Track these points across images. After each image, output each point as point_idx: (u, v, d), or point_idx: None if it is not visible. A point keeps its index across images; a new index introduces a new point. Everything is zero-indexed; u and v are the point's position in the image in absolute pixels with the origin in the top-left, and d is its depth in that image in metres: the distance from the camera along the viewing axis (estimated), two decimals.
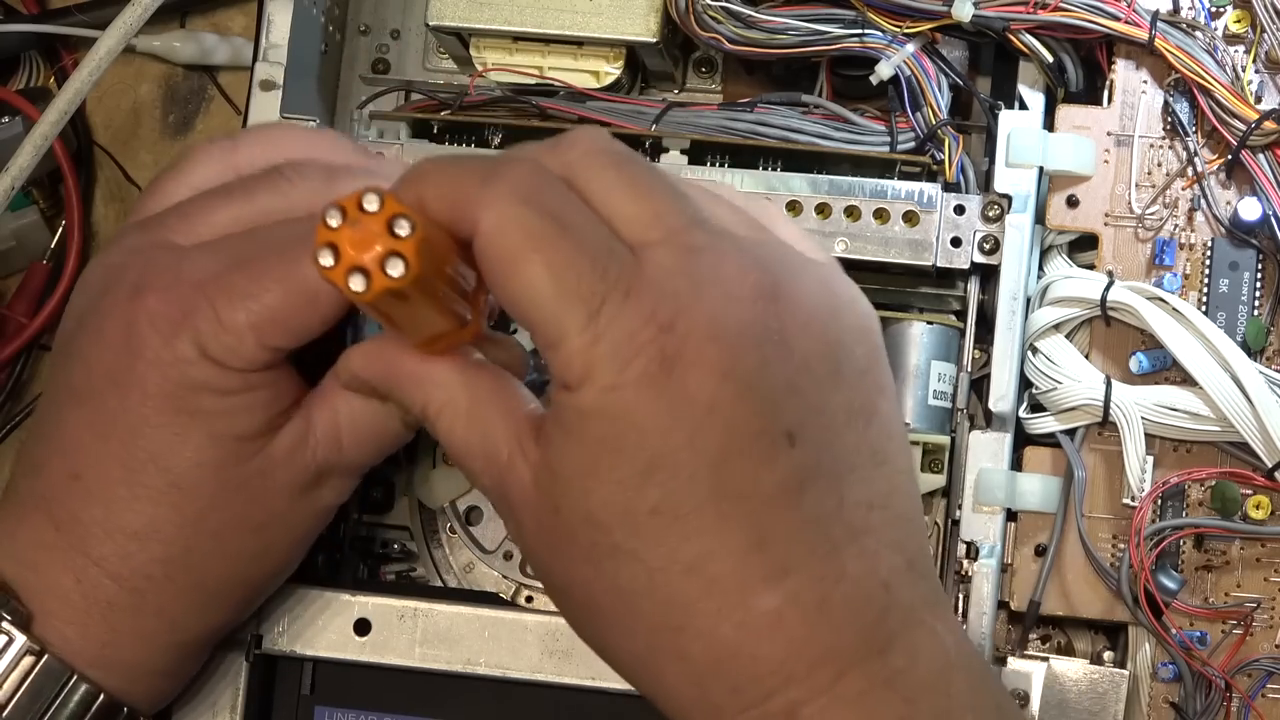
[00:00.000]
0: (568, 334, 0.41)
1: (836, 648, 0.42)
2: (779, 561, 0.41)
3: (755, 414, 0.41)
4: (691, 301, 0.41)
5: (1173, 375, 0.56)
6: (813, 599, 0.41)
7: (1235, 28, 0.57)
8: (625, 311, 0.40)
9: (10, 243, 0.67)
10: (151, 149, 0.69)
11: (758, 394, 0.41)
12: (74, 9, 0.68)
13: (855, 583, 0.42)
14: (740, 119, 0.59)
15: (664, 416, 0.41)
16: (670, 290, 0.41)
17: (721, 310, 0.41)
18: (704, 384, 0.41)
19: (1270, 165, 0.55)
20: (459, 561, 0.59)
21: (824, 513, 0.42)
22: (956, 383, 0.58)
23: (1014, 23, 0.56)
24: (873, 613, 0.42)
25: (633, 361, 0.40)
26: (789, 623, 0.41)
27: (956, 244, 0.56)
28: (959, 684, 0.44)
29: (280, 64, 0.59)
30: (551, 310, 0.41)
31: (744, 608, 0.41)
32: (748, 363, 0.41)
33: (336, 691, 0.56)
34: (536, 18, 0.59)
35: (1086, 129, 0.57)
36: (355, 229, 0.39)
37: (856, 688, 0.42)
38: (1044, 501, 0.56)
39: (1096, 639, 0.57)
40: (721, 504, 0.41)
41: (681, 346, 0.41)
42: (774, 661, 0.41)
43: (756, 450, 0.41)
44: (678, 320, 0.41)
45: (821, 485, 0.42)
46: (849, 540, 0.42)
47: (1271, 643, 0.55)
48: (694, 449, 0.41)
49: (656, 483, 0.41)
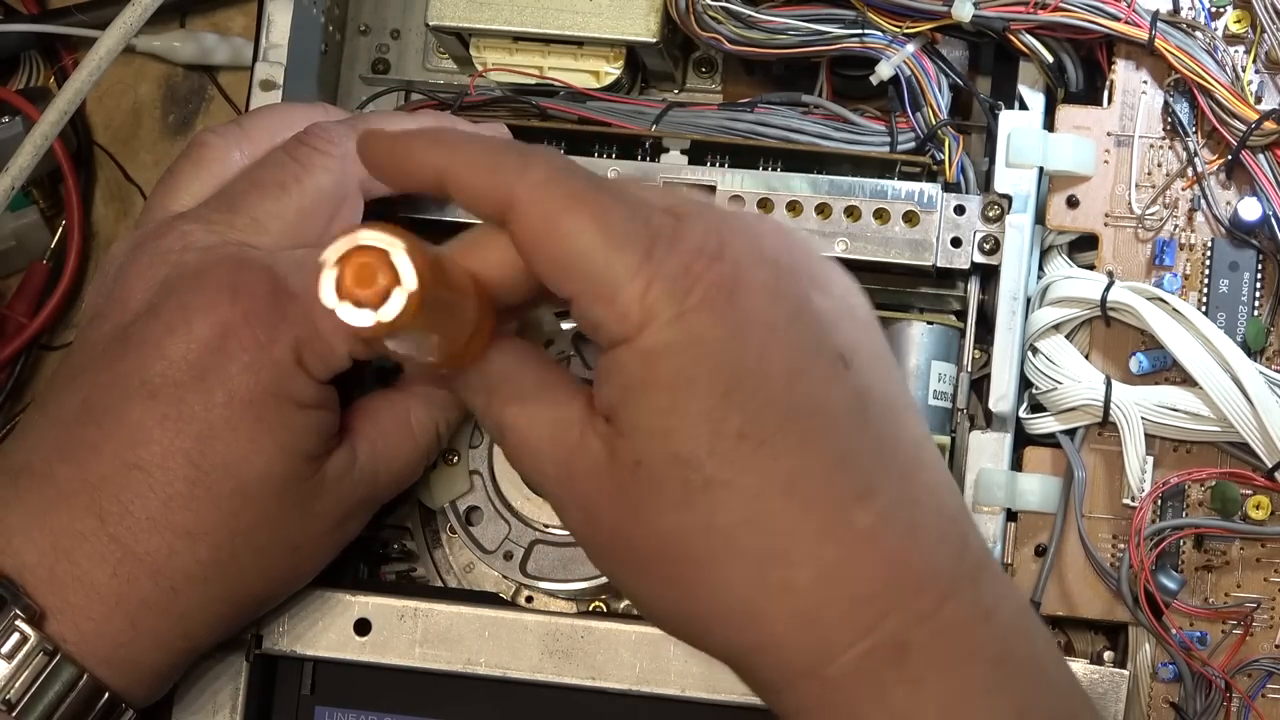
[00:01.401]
0: (621, 281, 0.40)
1: (931, 572, 0.41)
2: (864, 479, 0.41)
3: (811, 334, 0.42)
4: (731, 237, 0.42)
5: (1173, 375, 0.56)
6: (902, 519, 0.41)
7: (1235, 28, 0.57)
8: (676, 248, 0.41)
9: (10, 243, 0.67)
10: (151, 149, 0.69)
11: (809, 315, 0.42)
12: (74, 9, 0.68)
13: (932, 511, 0.42)
14: (740, 119, 0.59)
15: (732, 339, 0.41)
16: (711, 230, 0.42)
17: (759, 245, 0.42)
18: (761, 305, 0.41)
19: (1270, 165, 0.55)
20: (459, 561, 0.59)
21: (888, 436, 0.42)
22: (956, 383, 0.58)
23: (1014, 23, 0.56)
24: (954, 543, 0.42)
25: (692, 290, 0.40)
26: (886, 541, 0.41)
27: (956, 244, 0.56)
28: (1039, 632, 0.44)
29: (280, 64, 0.59)
30: (603, 260, 0.41)
31: (845, 524, 0.41)
32: (793, 287, 0.42)
33: (336, 691, 0.56)
34: (536, 18, 0.60)
35: (1086, 129, 0.57)
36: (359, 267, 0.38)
37: (959, 617, 0.41)
38: (1044, 502, 0.56)
39: (1096, 639, 0.57)
40: (800, 420, 0.41)
41: (734, 271, 0.41)
42: (879, 581, 0.41)
43: (819, 368, 0.42)
44: (725, 249, 0.41)
45: (879, 410, 0.43)
46: (914, 468, 0.43)
47: (1271, 643, 0.55)
48: (765, 367, 0.41)
49: (737, 404, 0.40)
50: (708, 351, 0.41)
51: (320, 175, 0.51)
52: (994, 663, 0.42)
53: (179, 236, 0.50)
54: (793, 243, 0.44)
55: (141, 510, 0.48)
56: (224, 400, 0.47)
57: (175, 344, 0.48)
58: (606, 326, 0.41)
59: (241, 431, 0.48)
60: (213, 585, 0.49)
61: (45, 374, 0.67)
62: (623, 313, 0.41)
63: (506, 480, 0.57)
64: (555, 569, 0.57)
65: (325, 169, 0.51)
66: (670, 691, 0.54)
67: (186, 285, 0.49)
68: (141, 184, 0.69)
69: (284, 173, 0.51)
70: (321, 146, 0.51)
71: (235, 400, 0.47)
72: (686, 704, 0.54)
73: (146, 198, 0.68)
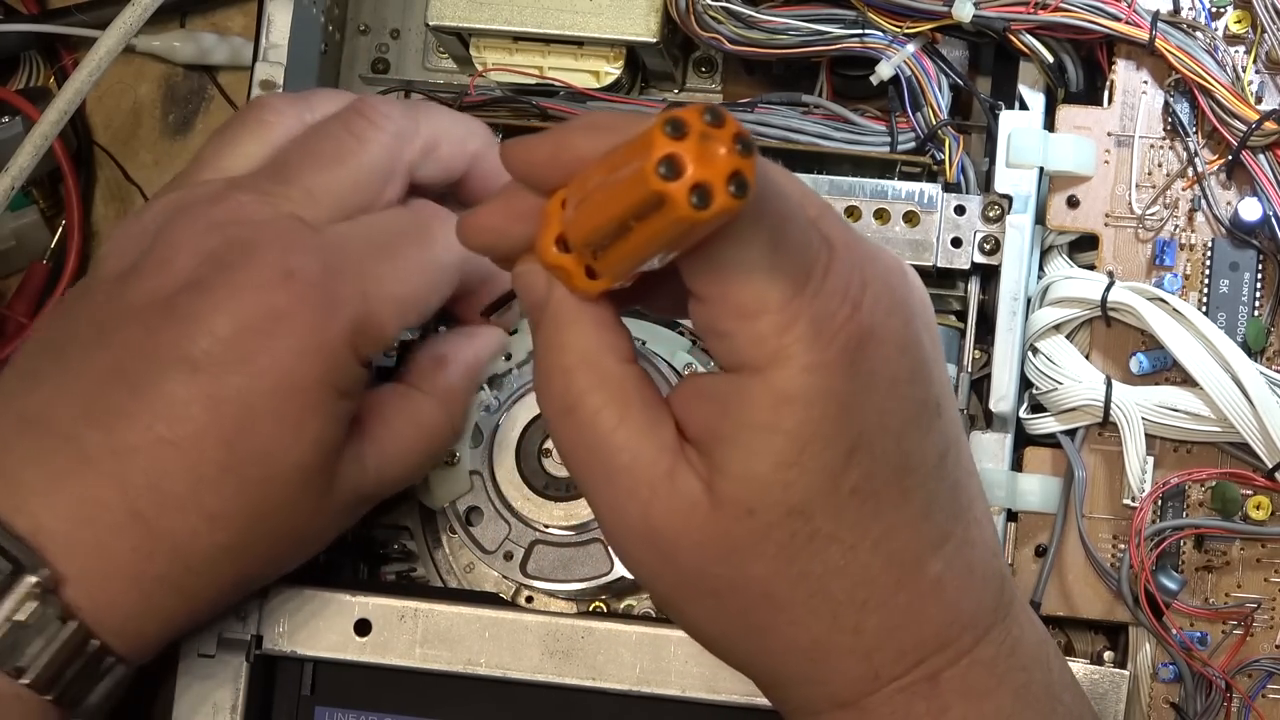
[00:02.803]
0: (769, 306, 0.38)
1: (979, 611, 0.43)
2: (940, 528, 0.42)
3: (924, 385, 0.42)
4: (871, 274, 0.40)
5: (1173, 376, 0.56)
6: (963, 563, 0.42)
7: (1235, 28, 0.57)
8: (826, 286, 0.39)
9: (10, 243, 0.67)
10: (151, 149, 0.69)
11: (924, 365, 0.42)
12: (74, 9, 0.68)
13: (983, 547, 0.44)
14: (740, 119, 0.58)
15: (862, 394, 0.40)
16: (855, 262, 0.40)
17: (891, 283, 0.41)
18: (889, 359, 0.40)
19: (1271, 166, 0.55)
20: (459, 562, 0.59)
21: (958, 479, 0.43)
22: (957, 383, 0.58)
23: (1014, 23, 0.56)
24: (997, 578, 0.44)
25: (834, 339, 0.39)
26: (948, 587, 0.42)
27: (957, 244, 0.56)
28: (1054, 658, 0.46)
29: (280, 64, 0.58)
30: (762, 281, 0.38)
31: (917, 574, 0.42)
32: (913, 335, 0.41)
33: (336, 691, 0.56)
34: (536, 18, 0.59)
35: (1087, 129, 0.57)
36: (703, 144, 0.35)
37: (990, 653, 0.43)
38: (1044, 502, 0.56)
39: (1097, 639, 0.57)
40: (903, 477, 0.41)
41: (870, 322, 0.40)
42: (937, 625, 0.42)
43: (923, 421, 0.42)
44: (865, 295, 0.40)
45: (954, 452, 0.43)
46: (970, 506, 0.44)
47: (1272, 643, 0.55)
48: (883, 425, 0.40)
49: (856, 462, 0.40)
50: (840, 407, 0.39)
51: (374, 150, 0.50)
52: (1015, 692, 0.43)
53: (233, 207, 0.48)
54: (910, 281, 0.43)
55: (169, 487, 0.46)
56: (270, 386, 0.46)
57: (223, 323, 0.46)
58: (735, 343, 0.39)
59: (286, 420, 0.46)
60: (224, 567, 0.48)
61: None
62: (759, 339, 0.39)
63: (506, 481, 0.57)
64: (555, 569, 0.57)
65: (379, 143, 0.50)
66: (671, 692, 0.54)
67: (238, 261, 0.47)
68: (141, 184, 0.69)
69: (339, 145, 0.50)
70: (377, 120, 0.50)
71: (282, 387, 0.46)
72: (687, 704, 0.54)
73: (146, 198, 0.69)
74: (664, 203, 0.35)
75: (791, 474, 0.40)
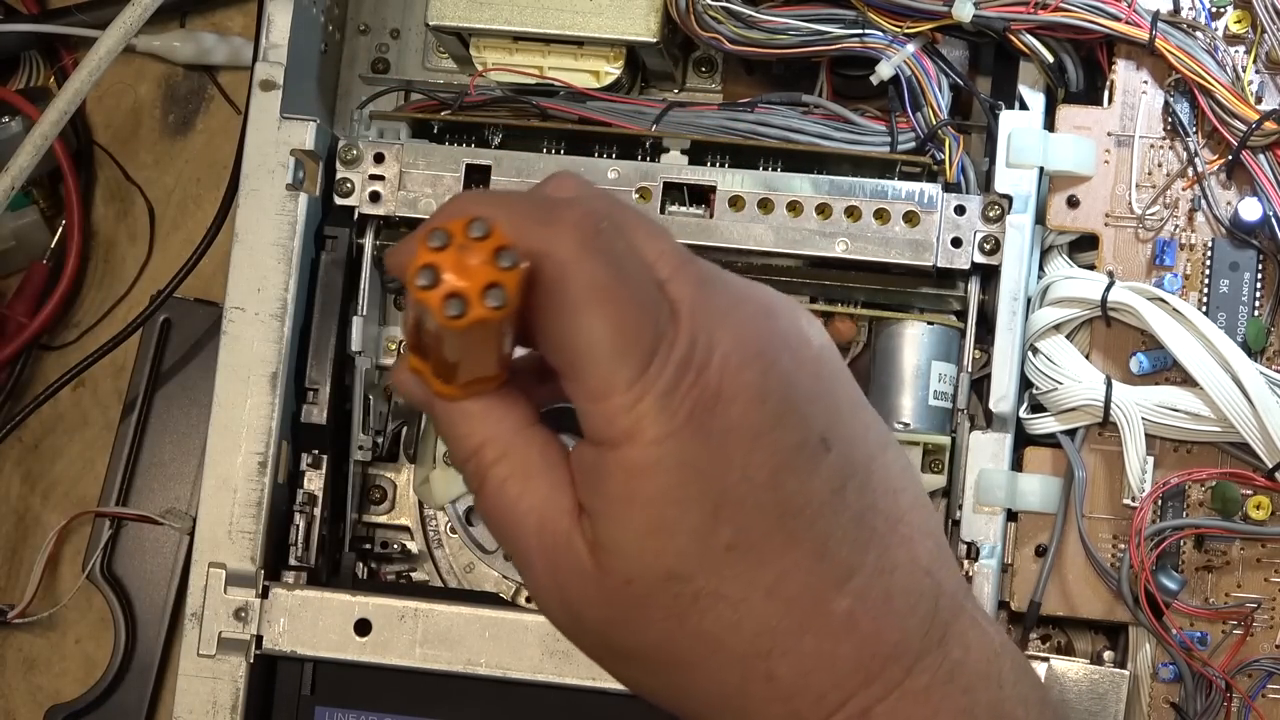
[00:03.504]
0: (616, 389, 0.40)
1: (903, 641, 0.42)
2: (843, 564, 0.42)
3: (794, 428, 0.41)
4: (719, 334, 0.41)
5: (1173, 376, 0.56)
6: (878, 594, 0.42)
7: (1235, 28, 0.57)
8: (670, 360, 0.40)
9: (10, 243, 0.67)
10: (151, 149, 0.69)
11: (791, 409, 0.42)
12: (74, 9, 0.68)
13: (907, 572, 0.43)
14: (740, 119, 0.59)
15: (717, 455, 0.40)
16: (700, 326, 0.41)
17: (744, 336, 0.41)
18: (746, 413, 0.41)
19: (1270, 166, 0.55)
20: (459, 562, 0.59)
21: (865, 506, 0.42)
22: (957, 383, 0.58)
23: (1014, 23, 0.56)
24: (927, 602, 0.43)
25: (681, 408, 0.40)
26: (862, 622, 0.42)
27: (957, 244, 0.56)
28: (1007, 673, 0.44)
29: (280, 64, 0.58)
30: (606, 364, 0.40)
31: (822, 615, 0.41)
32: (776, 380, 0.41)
33: (336, 691, 0.56)
34: (536, 18, 0.59)
35: (1087, 129, 0.57)
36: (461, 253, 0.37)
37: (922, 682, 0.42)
38: (1044, 502, 0.56)
39: (1097, 639, 0.57)
40: (785, 523, 0.41)
41: (719, 382, 0.40)
42: (853, 662, 0.42)
43: (802, 462, 0.41)
44: (712, 356, 0.40)
45: (859, 479, 0.43)
46: (890, 529, 0.43)
47: (1271, 643, 0.55)
48: (750, 476, 0.41)
49: (725, 519, 0.40)
50: (694, 470, 0.40)
51: None
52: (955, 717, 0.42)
53: None
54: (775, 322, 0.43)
55: None
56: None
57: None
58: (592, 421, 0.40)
59: None
60: None
61: (45, 374, 0.67)
62: (609, 418, 0.40)
63: None
64: None
65: None
66: None
67: None
68: (141, 184, 0.69)
69: None
70: None
71: None
72: None
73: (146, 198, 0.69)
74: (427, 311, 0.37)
75: (658, 541, 0.40)
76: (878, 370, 0.58)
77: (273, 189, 0.58)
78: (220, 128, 0.69)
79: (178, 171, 0.69)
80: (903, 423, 0.57)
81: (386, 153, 0.58)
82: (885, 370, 0.58)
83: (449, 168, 0.58)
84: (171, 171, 0.69)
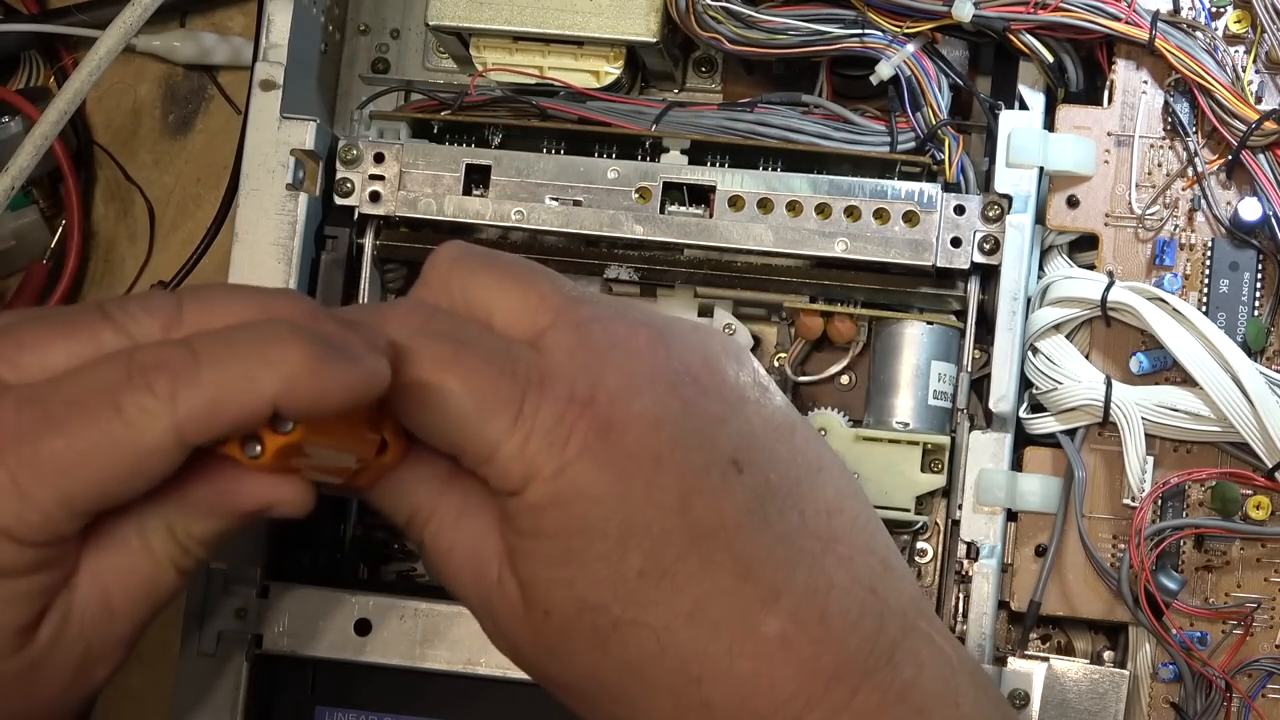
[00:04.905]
0: (498, 442, 0.40)
1: (845, 661, 0.42)
2: (769, 584, 0.41)
3: (697, 451, 0.42)
4: (601, 370, 0.41)
5: (1173, 375, 0.56)
6: (812, 614, 0.41)
7: (1235, 28, 0.57)
8: (545, 400, 0.41)
9: (10, 243, 0.67)
10: (151, 149, 0.69)
11: (692, 433, 0.42)
12: (74, 9, 0.68)
13: (844, 591, 0.42)
14: (740, 119, 0.59)
15: (616, 483, 0.41)
16: (579, 366, 0.41)
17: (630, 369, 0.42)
18: (641, 439, 0.41)
19: (1270, 165, 0.55)
20: None
21: (791, 528, 0.42)
22: (956, 383, 0.58)
23: (1014, 23, 0.56)
24: (870, 620, 0.42)
25: (569, 441, 0.40)
26: (796, 642, 0.41)
27: (956, 244, 0.56)
28: (965, 692, 0.44)
29: (280, 64, 0.58)
30: (476, 425, 0.40)
31: (753, 638, 0.41)
32: (672, 407, 0.42)
33: (336, 691, 0.56)
34: (536, 17, 0.59)
35: (1087, 129, 0.57)
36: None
37: (871, 702, 0.41)
38: (1044, 502, 0.56)
39: (1097, 639, 0.57)
40: (699, 545, 0.41)
41: (608, 413, 0.41)
42: (792, 685, 0.41)
43: (710, 484, 0.41)
44: (596, 391, 0.41)
45: (780, 502, 0.42)
46: (823, 550, 0.43)
47: (1271, 643, 0.55)
48: (655, 502, 0.41)
49: (634, 545, 0.41)
50: (594, 499, 0.40)
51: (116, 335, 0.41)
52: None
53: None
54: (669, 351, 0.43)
55: None
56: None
57: None
58: (495, 482, 0.41)
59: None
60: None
61: None
62: (504, 470, 0.41)
63: None
64: None
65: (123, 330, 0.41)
66: None
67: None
68: (141, 184, 0.69)
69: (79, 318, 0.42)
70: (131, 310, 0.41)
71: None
72: None
73: (146, 198, 0.69)
74: None
75: (568, 571, 0.41)
76: (877, 370, 0.58)
77: (273, 189, 0.58)
78: (220, 128, 0.69)
79: (178, 171, 0.69)
80: (902, 422, 0.57)
81: (386, 153, 0.58)
82: (885, 370, 0.58)
83: (449, 168, 0.58)
84: (171, 171, 0.69)
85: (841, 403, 0.59)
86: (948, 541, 0.57)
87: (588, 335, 0.42)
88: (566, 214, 0.57)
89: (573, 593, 0.41)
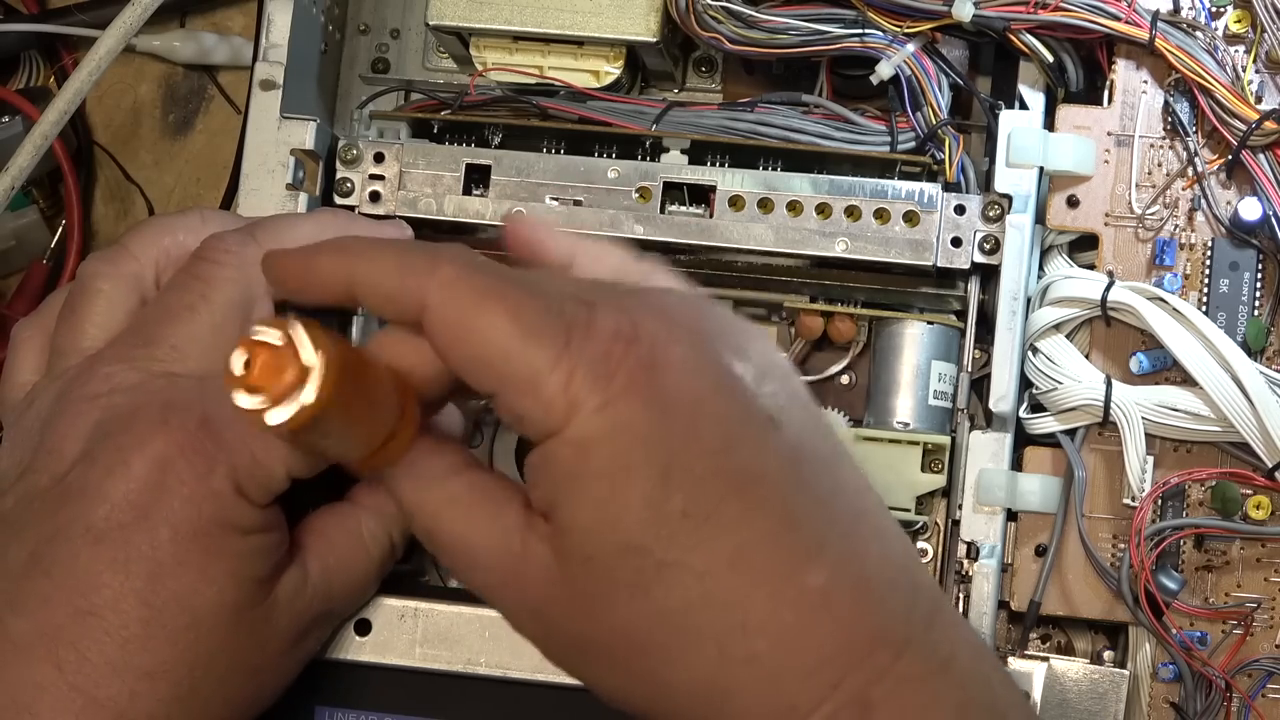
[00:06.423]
0: (542, 374, 0.41)
1: (887, 625, 0.42)
2: (811, 539, 0.41)
3: (738, 401, 0.42)
4: (645, 315, 0.42)
5: (1173, 375, 0.56)
6: (852, 575, 0.42)
7: (1235, 28, 0.57)
8: (592, 334, 0.41)
9: (10, 242, 0.67)
10: (151, 149, 0.69)
11: (733, 384, 0.42)
12: (74, 9, 0.68)
13: (880, 561, 0.42)
14: (741, 119, 0.59)
15: (661, 418, 0.41)
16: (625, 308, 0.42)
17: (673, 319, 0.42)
18: (684, 380, 0.41)
19: (1271, 165, 0.55)
20: None
21: (827, 492, 0.42)
22: (957, 383, 0.58)
23: (1014, 23, 0.56)
24: (905, 590, 0.43)
25: (615, 375, 0.41)
26: (839, 599, 0.41)
27: (957, 244, 0.56)
28: (994, 676, 0.44)
29: (280, 64, 0.59)
30: (521, 354, 0.41)
31: (797, 587, 0.41)
32: (713, 358, 0.42)
33: (336, 691, 0.56)
34: (536, 17, 0.59)
35: (1087, 129, 0.57)
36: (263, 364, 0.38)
37: (915, 670, 0.41)
38: (1044, 501, 0.56)
39: (1097, 639, 0.57)
40: (742, 492, 0.41)
41: (652, 353, 0.41)
42: (838, 640, 0.41)
43: (751, 434, 0.42)
44: (640, 331, 0.41)
45: (816, 466, 0.43)
46: (857, 520, 0.43)
47: (1272, 643, 0.55)
48: (699, 444, 0.41)
49: (676, 484, 0.41)
50: (639, 435, 0.41)
51: (226, 288, 0.50)
52: (955, 711, 0.42)
53: (103, 379, 0.49)
54: (704, 312, 0.44)
55: (99, 656, 0.46)
56: (169, 536, 0.46)
57: (115, 486, 0.46)
58: (532, 419, 0.41)
59: (190, 565, 0.46)
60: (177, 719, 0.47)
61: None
62: (548, 404, 0.41)
63: None
64: None
65: (229, 280, 0.50)
66: None
67: (119, 427, 0.47)
68: (141, 184, 0.69)
69: (190, 294, 0.50)
70: (221, 259, 0.50)
71: (180, 535, 0.46)
72: None
73: (146, 198, 0.69)
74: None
75: (612, 510, 0.41)
76: (878, 370, 0.58)
77: (273, 189, 0.58)
78: (220, 128, 0.69)
79: (178, 171, 0.69)
80: (902, 422, 0.57)
81: (386, 152, 0.58)
82: (885, 370, 0.58)
83: (449, 167, 0.58)
84: (171, 171, 0.69)
85: (842, 403, 0.59)
86: (948, 541, 0.57)
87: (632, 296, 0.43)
88: (567, 214, 0.57)
89: (616, 534, 0.41)
